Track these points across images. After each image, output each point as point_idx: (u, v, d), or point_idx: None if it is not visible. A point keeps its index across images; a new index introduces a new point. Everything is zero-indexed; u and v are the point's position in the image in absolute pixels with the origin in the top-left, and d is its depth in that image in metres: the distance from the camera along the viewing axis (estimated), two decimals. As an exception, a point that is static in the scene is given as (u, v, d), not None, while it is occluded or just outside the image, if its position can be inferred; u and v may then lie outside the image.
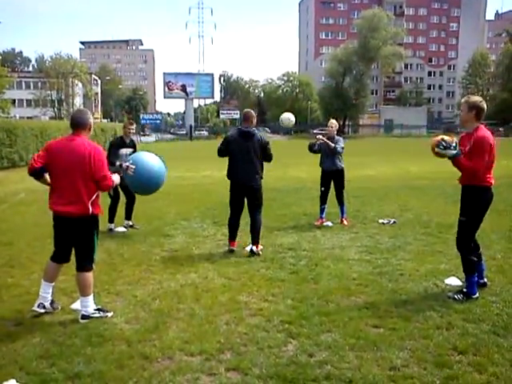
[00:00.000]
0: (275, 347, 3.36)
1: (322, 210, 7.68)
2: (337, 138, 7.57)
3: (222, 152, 6.00)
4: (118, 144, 7.15)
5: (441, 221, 7.61)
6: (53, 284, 4.02)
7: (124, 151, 7.08)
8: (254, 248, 5.81)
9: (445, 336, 3.49)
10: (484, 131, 4.20)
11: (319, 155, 7.71)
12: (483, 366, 3.05)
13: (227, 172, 6.02)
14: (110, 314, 3.92)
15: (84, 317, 3.85)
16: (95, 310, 3.91)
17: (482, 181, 4.21)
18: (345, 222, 7.57)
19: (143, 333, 3.60)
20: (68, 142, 3.86)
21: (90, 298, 3.90)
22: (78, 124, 3.87)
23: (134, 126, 7.47)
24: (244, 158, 5.78)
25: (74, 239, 3.89)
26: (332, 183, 7.69)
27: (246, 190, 5.90)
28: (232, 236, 6.00)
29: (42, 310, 3.91)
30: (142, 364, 3.14)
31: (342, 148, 7.52)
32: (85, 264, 3.89)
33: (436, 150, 4.17)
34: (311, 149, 7.63)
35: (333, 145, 7.37)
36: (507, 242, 6.25)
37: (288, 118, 6.94)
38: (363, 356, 3.21)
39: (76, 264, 3.93)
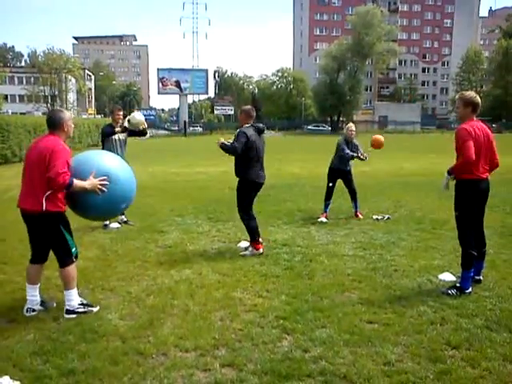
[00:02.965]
0: (270, 343, 3.36)
1: (326, 206, 7.81)
2: (356, 143, 7.85)
3: (241, 149, 5.46)
4: (108, 132, 7.09)
5: (434, 217, 7.65)
6: (37, 286, 3.98)
7: (117, 137, 7.03)
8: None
9: (438, 331, 3.51)
10: (465, 124, 4.23)
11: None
12: (476, 361, 3.07)
13: (249, 171, 5.59)
14: (95, 309, 3.91)
15: (68, 311, 3.83)
16: (79, 304, 3.90)
17: (471, 174, 4.23)
18: (360, 216, 7.77)
19: (137, 329, 3.59)
20: (39, 139, 3.89)
21: (74, 291, 3.89)
22: (50, 124, 3.82)
23: (122, 113, 7.38)
24: (263, 155, 5.75)
25: (41, 237, 3.86)
26: (342, 182, 7.92)
27: (260, 188, 5.82)
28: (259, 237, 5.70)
29: (33, 313, 3.89)
30: (136, 360, 3.14)
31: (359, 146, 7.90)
32: (63, 260, 3.86)
33: (443, 190, 4.46)
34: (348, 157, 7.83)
35: (365, 155, 7.80)
36: (499, 237, 6.29)
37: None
38: (358, 351, 3.22)
39: (57, 261, 3.91)
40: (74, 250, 3.92)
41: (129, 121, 6.96)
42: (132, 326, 3.64)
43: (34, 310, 3.90)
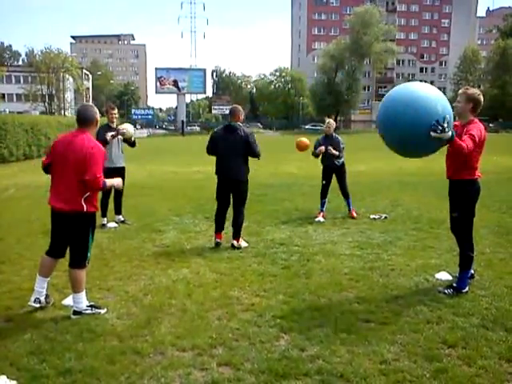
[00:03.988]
0: (267, 342, 3.37)
1: (322, 204, 7.82)
2: (335, 136, 7.79)
3: (209, 150, 6.06)
4: (105, 129, 7.06)
5: (431, 216, 7.67)
6: (48, 279, 4.00)
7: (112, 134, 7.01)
8: (235, 242, 5.86)
9: (435, 330, 3.52)
10: (479, 124, 4.19)
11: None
12: (472, 359, 3.08)
13: (216, 166, 6.04)
14: (103, 311, 3.90)
15: (76, 312, 3.83)
16: (88, 306, 3.89)
17: (470, 174, 4.21)
18: (354, 214, 7.72)
19: (135, 328, 3.59)
20: (71, 137, 3.85)
21: (82, 294, 3.88)
22: (83, 120, 3.85)
23: (116, 111, 7.35)
24: (230, 152, 5.84)
25: (68, 235, 3.87)
26: (335, 178, 7.91)
27: (232, 185, 5.95)
28: (218, 229, 6.04)
29: (38, 305, 3.90)
30: (133, 359, 3.14)
31: (343, 148, 7.80)
32: (77, 261, 3.87)
33: (433, 134, 3.70)
34: (314, 155, 7.83)
35: (337, 153, 7.62)
36: (495, 236, 6.31)
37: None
38: (354, 350, 3.23)
39: (69, 260, 3.91)
40: (89, 254, 3.94)
41: (123, 133, 6.96)
42: (129, 326, 3.65)
43: (39, 302, 3.91)
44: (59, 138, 3.99)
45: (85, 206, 3.77)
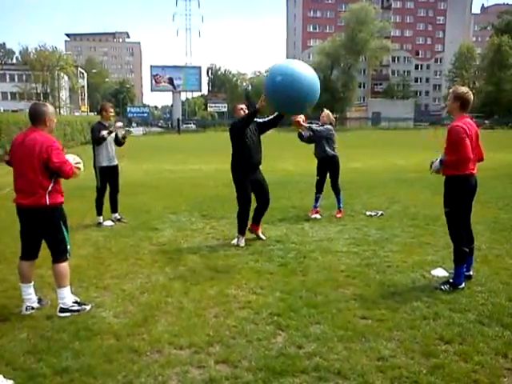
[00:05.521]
0: (264, 339, 3.37)
1: (316, 199, 7.66)
2: (326, 126, 7.57)
3: None
4: (98, 128, 7.04)
5: (428, 213, 7.68)
6: (31, 284, 3.95)
7: (114, 127, 7.02)
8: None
9: (431, 326, 3.53)
10: (459, 121, 4.22)
11: (313, 145, 7.71)
12: (469, 355, 3.09)
13: None
14: (88, 307, 3.89)
15: (62, 310, 3.81)
16: (73, 302, 3.88)
17: (463, 170, 4.23)
18: (338, 215, 7.52)
19: (132, 326, 3.59)
20: (24, 135, 3.85)
21: (67, 289, 3.88)
22: (34, 116, 3.82)
23: (113, 110, 7.32)
24: None
25: (39, 232, 3.85)
26: (328, 172, 7.71)
27: None
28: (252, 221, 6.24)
29: (32, 311, 3.88)
30: (130, 358, 3.13)
31: (323, 130, 7.46)
32: (57, 256, 3.86)
33: (431, 171, 4.45)
34: (300, 138, 7.62)
35: (307, 125, 7.19)
36: (492, 232, 6.34)
37: None
38: (352, 347, 3.23)
39: (51, 256, 3.90)
40: (68, 247, 3.94)
41: (120, 127, 7.10)
42: (126, 324, 3.64)
43: (33, 308, 3.89)
44: (16, 137, 3.98)
45: (48, 199, 3.74)
